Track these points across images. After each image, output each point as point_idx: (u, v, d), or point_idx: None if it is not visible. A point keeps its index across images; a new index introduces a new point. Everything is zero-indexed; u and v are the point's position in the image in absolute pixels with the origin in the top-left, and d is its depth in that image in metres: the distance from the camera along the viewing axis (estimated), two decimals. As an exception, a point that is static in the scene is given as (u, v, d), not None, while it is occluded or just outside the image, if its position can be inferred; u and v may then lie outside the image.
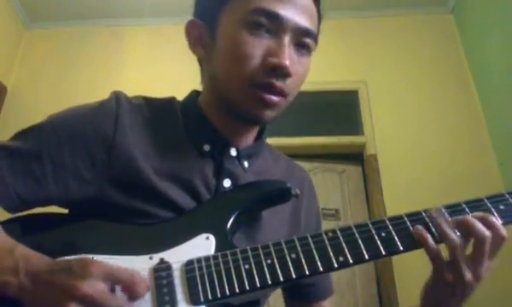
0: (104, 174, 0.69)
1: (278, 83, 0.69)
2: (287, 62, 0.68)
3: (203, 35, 0.76)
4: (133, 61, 3.35)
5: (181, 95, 0.86)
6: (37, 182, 0.67)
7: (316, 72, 0.72)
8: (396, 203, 2.71)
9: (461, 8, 3.29)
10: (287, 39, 0.69)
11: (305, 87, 0.79)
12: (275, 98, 0.70)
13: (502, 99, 2.80)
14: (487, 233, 0.63)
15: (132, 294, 0.57)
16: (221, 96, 0.75)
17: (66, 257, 0.60)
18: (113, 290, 0.56)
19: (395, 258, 2.62)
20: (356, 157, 3.10)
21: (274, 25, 0.69)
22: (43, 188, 0.67)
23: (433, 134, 2.99)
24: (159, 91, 0.86)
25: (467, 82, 3.14)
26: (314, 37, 0.73)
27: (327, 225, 1.19)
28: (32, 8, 3.44)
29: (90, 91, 3.06)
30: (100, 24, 3.50)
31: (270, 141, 0.89)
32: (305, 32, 0.71)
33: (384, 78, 3.21)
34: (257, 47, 0.68)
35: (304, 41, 0.72)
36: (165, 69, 3.19)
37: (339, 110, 3.22)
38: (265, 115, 0.72)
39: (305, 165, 3.05)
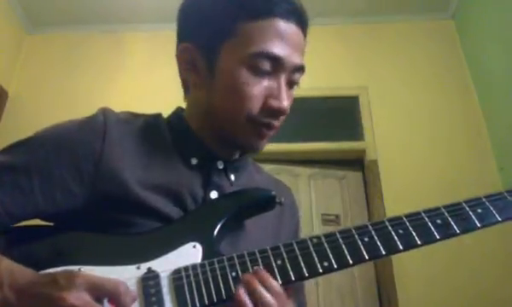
0: (92, 187, 0.69)
1: (276, 123, 0.75)
2: (286, 105, 0.72)
3: (197, 61, 0.77)
4: (133, 67, 3.36)
5: (180, 101, 0.87)
6: (25, 196, 0.67)
7: (316, 78, 0.73)
8: (396, 209, 2.68)
9: (461, 13, 3.30)
10: (284, 79, 0.73)
11: (305, 93, 0.80)
12: (270, 132, 0.76)
13: (502, 104, 2.80)
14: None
15: (119, 305, 0.57)
16: (217, 125, 0.77)
17: (51, 270, 0.60)
18: (100, 301, 0.56)
19: (395, 259, 2.61)
20: (356, 163, 3.10)
21: (274, 66, 0.72)
22: (31, 202, 0.67)
23: (434, 139, 2.98)
24: (159, 96, 0.87)
25: (467, 87, 3.14)
26: (304, 70, 0.77)
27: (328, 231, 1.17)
28: (34, 13, 3.46)
29: (91, 96, 3.10)
30: (101, 29, 3.52)
31: (271, 147, 0.90)
32: (299, 69, 0.75)
33: (384, 83, 3.21)
34: (258, 87, 0.72)
35: (296, 77, 0.76)
36: (165, 74, 3.17)
37: (339, 116, 3.22)
38: (260, 145, 0.77)
39: (306, 171, 3.09)
